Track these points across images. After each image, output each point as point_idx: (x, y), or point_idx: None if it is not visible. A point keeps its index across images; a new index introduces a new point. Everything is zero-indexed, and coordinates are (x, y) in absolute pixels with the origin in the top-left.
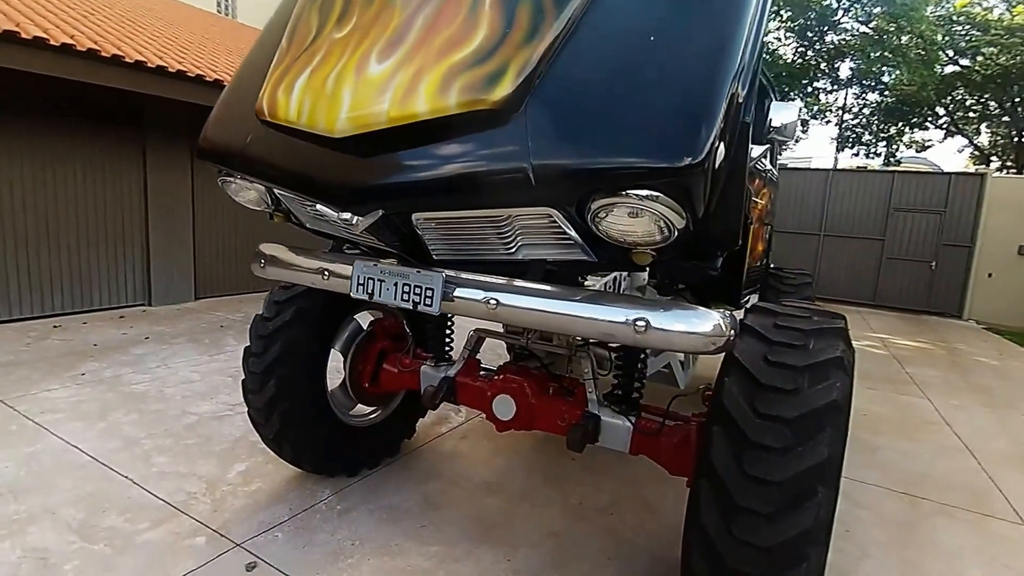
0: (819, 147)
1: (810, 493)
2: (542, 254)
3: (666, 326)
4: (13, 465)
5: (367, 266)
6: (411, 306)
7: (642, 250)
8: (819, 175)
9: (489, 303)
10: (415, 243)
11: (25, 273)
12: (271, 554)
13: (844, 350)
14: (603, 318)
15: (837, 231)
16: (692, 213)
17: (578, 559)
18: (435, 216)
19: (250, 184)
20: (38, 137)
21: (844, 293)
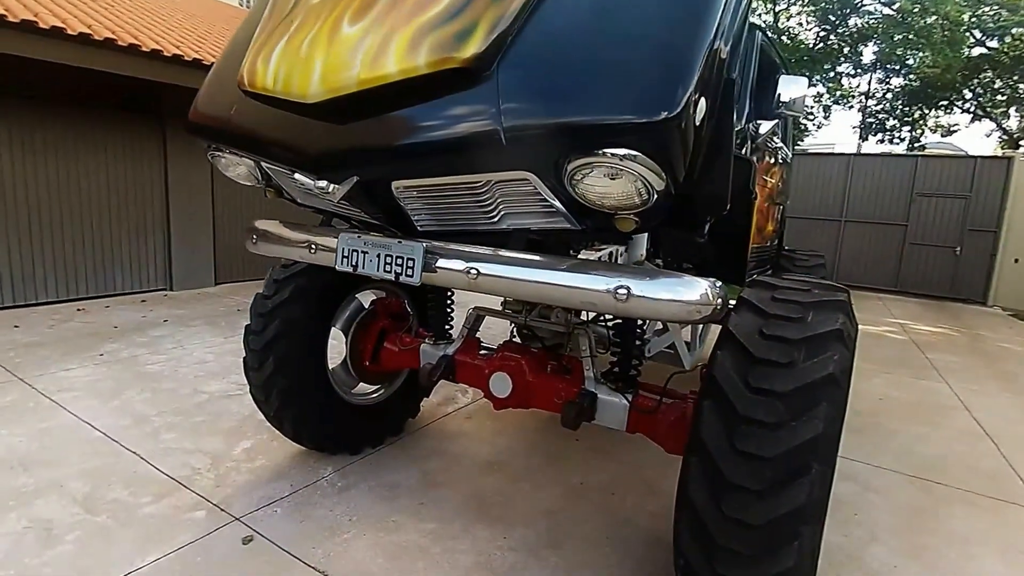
0: (842, 133)
1: (803, 469)
2: (526, 223)
3: (648, 294)
4: (26, 439)
5: (351, 238)
6: (393, 277)
7: (624, 215)
8: (840, 160)
9: (470, 273)
10: (399, 214)
11: (51, 259)
12: (268, 528)
13: (844, 323)
14: (584, 286)
15: (859, 217)
16: (671, 174)
17: (575, 538)
18: (414, 184)
19: (239, 159)
20: (61, 126)
21: (866, 279)
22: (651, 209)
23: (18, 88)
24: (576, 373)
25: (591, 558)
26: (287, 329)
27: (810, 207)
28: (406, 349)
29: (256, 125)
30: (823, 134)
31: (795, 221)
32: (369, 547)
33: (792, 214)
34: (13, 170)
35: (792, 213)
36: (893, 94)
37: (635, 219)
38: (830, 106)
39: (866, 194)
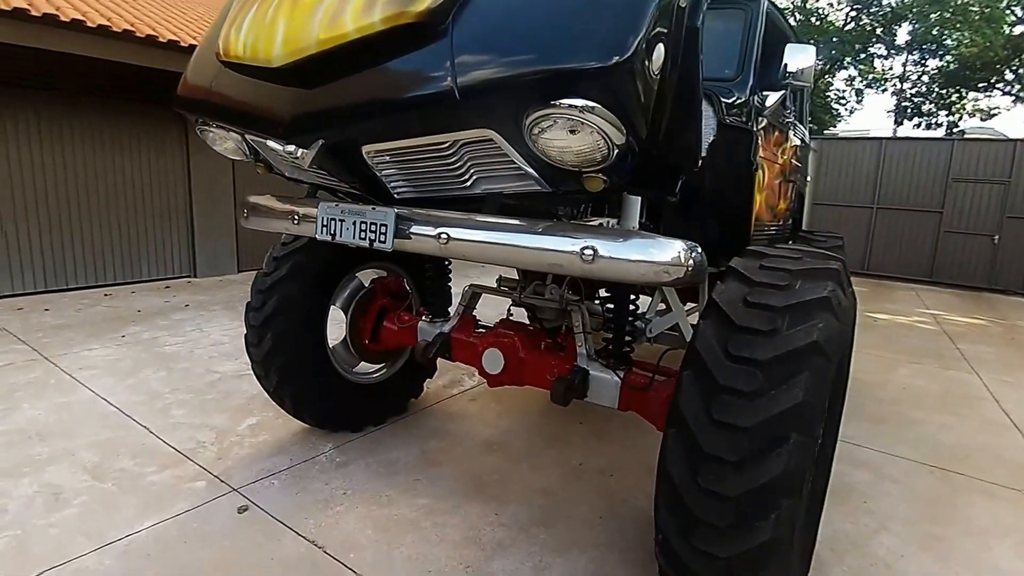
0: (875, 119)
1: (781, 440)
2: (498, 187)
3: (615, 254)
4: (45, 413)
5: (330, 207)
6: (367, 244)
7: (591, 174)
8: (872, 144)
9: (440, 238)
10: (376, 182)
11: (80, 247)
12: (264, 499)
13: (833, 291)
14: (551, 247)
15: (891, 203)
16: (631, 126)
17: (568, 517)
18: (383, 149)
19: (226, 132)
20: (88, 118)
21: (897, 269)
22: (615, 166)
23: (47, 81)
24: (570, 350)
25: (581, 537)
26: (285, 306)
27: (840, 194)
28: (404, 327)
29: (232, 94)
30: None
31: (824, 208)
32: (360, 519)
33: (821, 201)
34: (43, 161)
35: (821, 200)
36: (929, 76)
37: (602, 178)
38: (862, 90)
39: (899, 180)
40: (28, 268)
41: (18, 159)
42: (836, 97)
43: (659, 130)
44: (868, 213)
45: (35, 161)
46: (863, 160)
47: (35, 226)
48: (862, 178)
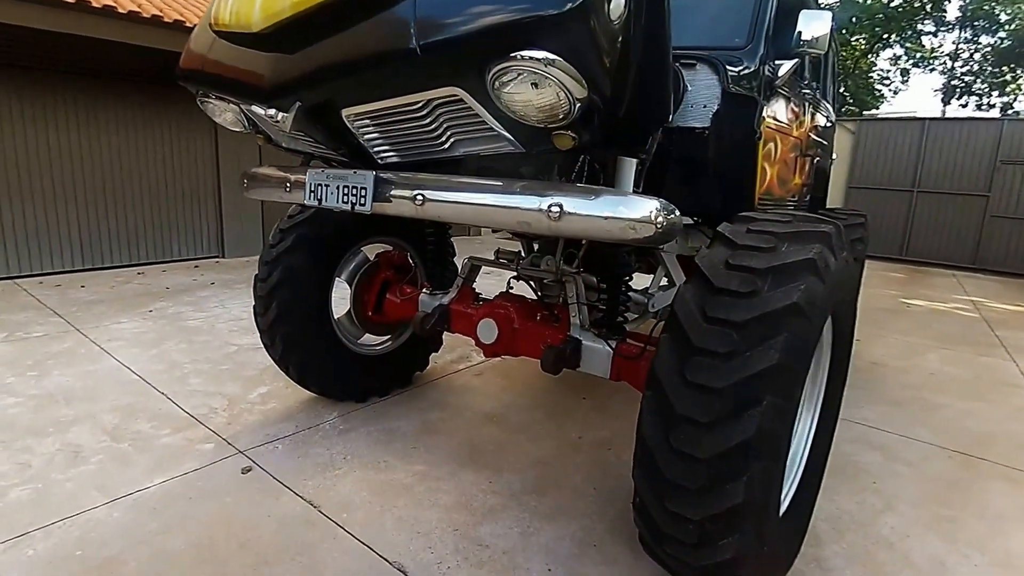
0: (922, 99)
1: (753, 401)
2: (475, 149)
3: (581, 211)
4: (72, 379)
5: (316, 173)
6: (350, 207)
7: (559, 132)
8: (913, 125)
9: (416, 199)
10: (360, 148)
11: (114, 227)
12: (267, 462)
13: (819, 253)
14: (519, 206)
15: (933, 187)
16: (591, 79)
17: (560, 487)
18: (361, 112)
19: (225, 104)
20: (122, 103)
21: (938, 255)
22: (581, 122)
23: (81, 66)
24: (565, 321)
25: (572, 505)
26: (289, 276)
27: (878, 177)
28: (406, 299)
29: (222, 62)
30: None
31: (861, 191)
32: (356, 483)
33: (857, 184)
34: (80, 145)
35: (857, 183)
36: (981, 54)
37: (571, 135)
38: (908, 70)
39: (942, 162)
40: (67, 247)
41: (57, 143)
42: (880, 77)
43: (625, 86)
44: (908, 197)
45: (72, 145)
46: (904, 142)
47: (72, 208)
48: (902, 161)
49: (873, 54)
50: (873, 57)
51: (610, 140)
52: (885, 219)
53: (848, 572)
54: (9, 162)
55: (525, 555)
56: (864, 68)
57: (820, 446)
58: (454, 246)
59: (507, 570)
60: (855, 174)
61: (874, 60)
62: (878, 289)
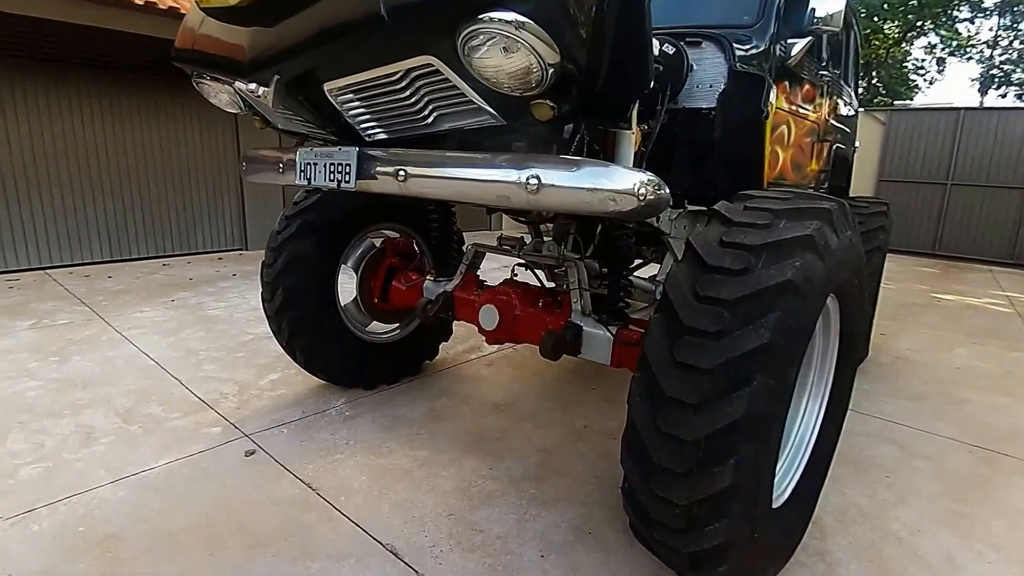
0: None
1: (743, 382)
2: (459, 123)
3: (559, 182)
4: (92, 364)
5: (305, 152)
6: (336, 185)
7: (537, 101)
8: (947, 116)
9: (399, 175)
10: (347, 125)
11: (141, 220)
12: (271, 445)
13: (818, 229)
14: (498, 179)
15: (968, 180)
16: (564, 45)
17: (561, 474)
18: (342, 86)
19: (219, 85)
20: (142, 96)
21: (973, 250)
22: (557, 91)
23: (104, 60)
24: (565, 307)
25: (571, 493)
26: (294, 262)
27: (910, 169)
28: (411, 286)
29: (207, 38)
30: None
31: (890, 184)
32: (357, 467)
33: (888, 177)
34: (105, 137)
35: (888, 176)
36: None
37: (549, 104)
38: (944, 58)
39: (978, 154)
40: (95, 239)
41: (83, 136)
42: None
43: (601, 51)
44: (941, 190)
45: (96, 137)
46: (937, 133)
47: (99, 200)
48: (935, 153)
49: (907, 43)
50: (907, 46)
51: (590, 110)
52: (917, 213)
53: (853, 566)
54: (38, 156)
55: (519, 541)
56: (897, 57)
57: (827, 436)
58: (461, 233)
59: (499, 555)
60: (885, 166)
61: (908, 49)
62: (908, 284)
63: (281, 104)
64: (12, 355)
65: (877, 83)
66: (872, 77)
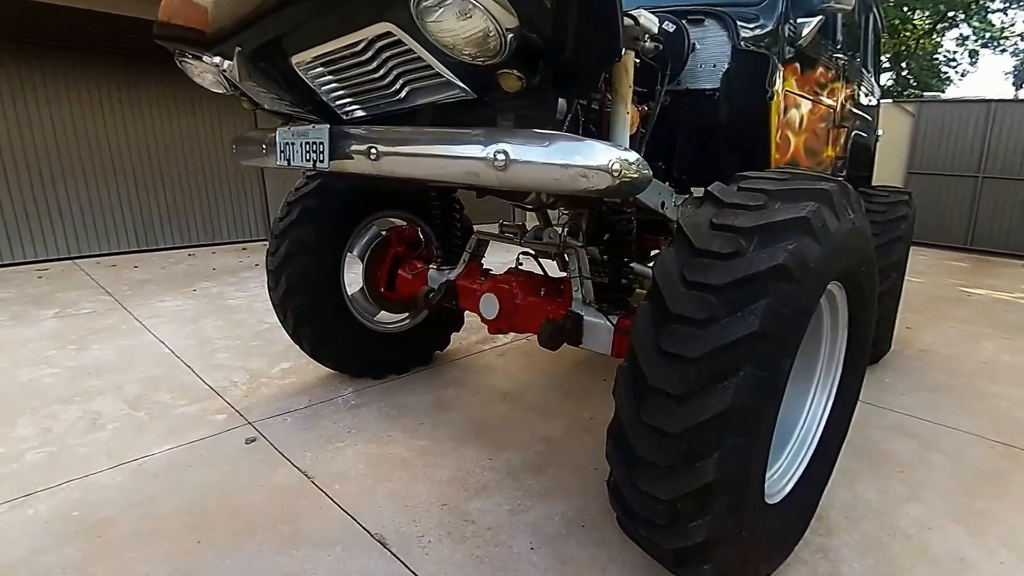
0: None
1: (729, 372)
2: (431, 98)
3: (528, 157)
4: (109, 352)
5: (284, 132)
6: (312, 165)
7: (504, 71)
8: (979, 107)
9: (371, 153)
10: (322, 103)
11: (166, 210)
12: (273, 433)
13: (815, 210)
14: (465, 155)
15: (1001, 172)
16: (520, 9)
17: (561, 465)
18: (308, 60)
19: (202, 64)
20: (166, 85)
21: (1006, 244)
22: (520, 58)
23: (124, 49)
24: (567, 295)
25: (569, 484)
26: (297, 249)
27: (940, 162)
28: (416, 275)
29: (178, 13)
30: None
31: (920, 177)
32: (356, 456)
33: (917, 170)
34: (126, 127)
35: (917, 169)
36: None
37: (516, 75)
38: (977, 50)
39: (1011, 147)
40: (122, 230)
41: (109, 126)
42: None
43: (564, 15)
44: (972, 183)
45: (119, 128)
46: (968, 125)
47: (125, 192)
48: (967, 145)
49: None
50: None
51: (561, 81)
52: (948, 206)
53: (856, 564)
54: (61, 147)
55: (510, 532)
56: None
57: (834, 430)
58: (469, 221)
59: (489, 546)
60: (915, 159)
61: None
62: (938, 278)
63: (250, 79)
64: (34, 343)
65: (907, 75)
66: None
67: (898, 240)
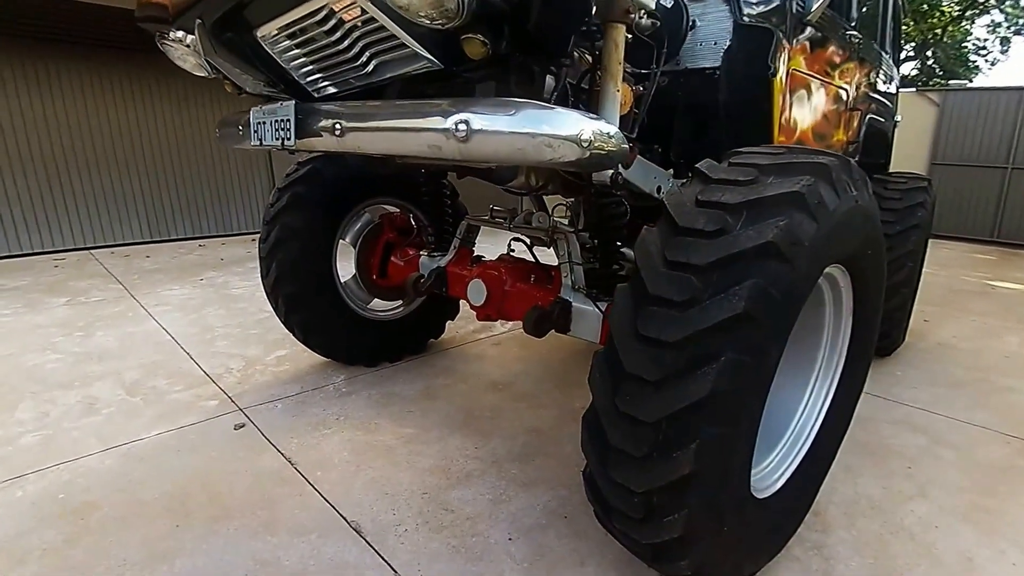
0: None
1: (709, 357)
2: (398, 71)
3: (491, 127)
4: (112, 339)
5: (256, 111)
6: (280, 143)
7: (468, 36)
8: (1008, 95)
9: (335, 129)
10: (295, 81)
11: (178, 201)
12: (262, 419)
13: (810, 185)
14: (428, 127)
15: None
16: None
17: (547, 455)
18: (272, 33)
19: (184, 48)
20: (178, 78)
21: None
22: (479, 20)
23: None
24: (556, 282)
25: (554, 475)
26: (287, 235)
27: (966, 152)
28: (408, 262)
29: None
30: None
31: (945, 168)
32: (341, 443)
33: (942, 161)
34: (137, 119)
35: (942, 160)
36: None
37: (480, 39)
38: (1009, 38)
39: None
40: (135, 221)
41: (122, 120)
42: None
43: None
44: (1000, 174)
45: (129, 121)
46: (996, 114)
47: (138, 184)
48: (995, 135)
49: (967, 20)
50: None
51: (526, 45)
52: (974, 198)
53: (853, 562)
54: (75, 139)
55: (489, 522)
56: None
57: (834, 424)
58: (464, 206)
59: (466, 536)
60: (939, 149)
61: (968, 28)
62: (961, 271)
63: (216, 54)
64: (42, 330)
65: (933, 64)
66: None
67: (914, 228)
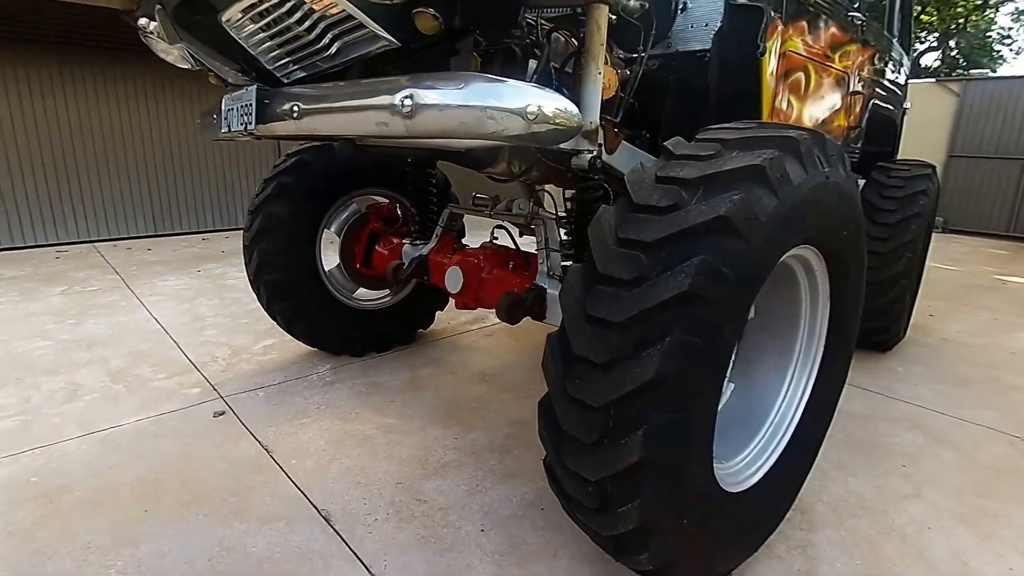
0: None
1: (655, 338)
2: (359, 52)
3: (437, 101)
4: (103, 327)
5: (226, 98)
6: (243, 129)
7: (419, 10)
8: None
9: (293, 111)
10: (265, 69)
11: (182, 196)
12: (242, 408)
13: (773, 159)
14: (374, 104)
15: None
16: None
17: (528, 447)
18: (236, 17)
19: (166, 42)
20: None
21: None
22: None
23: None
24: (533, 269)
25: (534, 466)
26: (270, 225)
27: (984, 144)
28: (392, 251)
29: None
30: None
31: (962, 161)
32: (319, 432)
33: (959, 152)
34: (141, 116)
35: (959, 151)
36: None
37: (432, 13)
38: None
39: None
40: (139, 215)
41: (126, 116)
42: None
43: None
44: (1020, 166)
45: (133, 117)
46: (1018, 104)
47: (143, 179)
48: (1015, 125)
49: (991, 9)
50: (991, 13)
51: (477, 18)
52: (991, 191)
53: (839, 563)
54: (85, 135)
55: (462, 513)
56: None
57: (815, 417)
58: (456, 196)
59: (437, 527)
60: (957, 141)
61: (992, 16)
62: (973, 265)
63: (180, 39)
64: (36, 317)
65: (957, 55)
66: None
67: (915, 217)
